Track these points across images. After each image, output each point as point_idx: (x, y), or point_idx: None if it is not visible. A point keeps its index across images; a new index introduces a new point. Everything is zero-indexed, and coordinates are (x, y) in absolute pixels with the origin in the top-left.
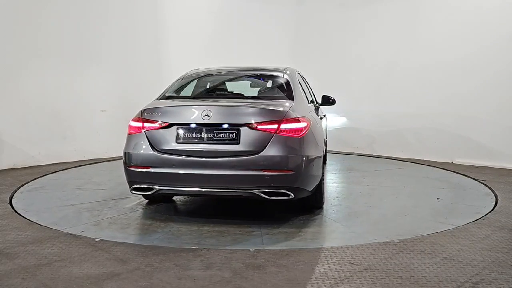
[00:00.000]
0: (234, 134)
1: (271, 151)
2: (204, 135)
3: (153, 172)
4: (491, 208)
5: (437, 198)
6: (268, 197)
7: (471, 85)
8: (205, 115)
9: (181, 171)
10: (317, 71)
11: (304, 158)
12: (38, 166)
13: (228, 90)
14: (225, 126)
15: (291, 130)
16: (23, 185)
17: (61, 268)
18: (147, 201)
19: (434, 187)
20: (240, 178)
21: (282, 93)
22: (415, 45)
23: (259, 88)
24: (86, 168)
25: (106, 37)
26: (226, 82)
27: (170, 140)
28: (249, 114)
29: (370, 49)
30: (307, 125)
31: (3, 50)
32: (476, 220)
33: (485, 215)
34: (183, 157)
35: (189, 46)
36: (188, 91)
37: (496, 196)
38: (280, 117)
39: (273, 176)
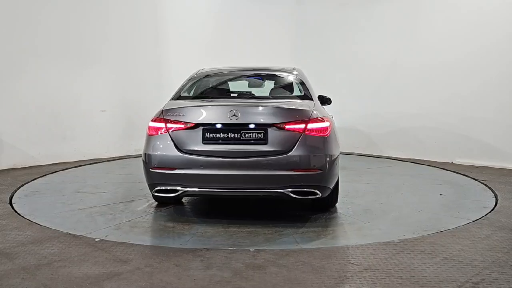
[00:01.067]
0: (262, 134)
1: (300, 150)
2: (231, 135)
3: (179, 173)
4: (491, 208)
5: (440, 194)
6: (297, 197)
7: (471, 85)
8: (233, 115)
9: (209, 172)
10: (317, 71)
11: (329, 157)
12: (38, 166)
13: (246, 90)
14: (253, 126)
15: (317, 130)
16: (23, 185)
17: (61, 268)
18: (156, 203)
19: (433, 184)
20: (269, 178)
21: (300, 93)
22: (415, 45)
23: (276, 88)
24: (80, 170)
25: (106, 37)
26: (240, 82)
27: (196, 140)
28: (276, 114)
29: (370, 49)
30: (330, 124)
31: (3, 50)
32: (476, 220)
33: (486, 215)
34: (211, 158)
35: (189, 46)
36: (203, 91)
37: (496, 196)
38: (307, 117)
39: (302, 176)
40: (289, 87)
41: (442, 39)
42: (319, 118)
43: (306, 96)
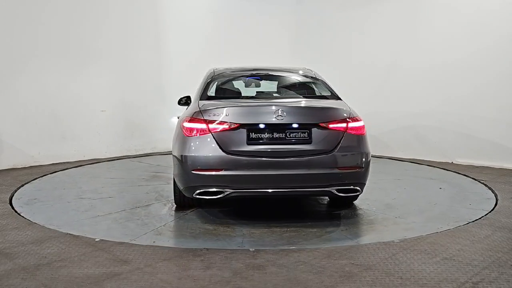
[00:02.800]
0: (306, 133)
1: (344, 149)
2: (276, 135)
3: (225, 175)
4: (491, 208)
5: (440, 188)
6: (341, 194)
7: (471, 85)
8: (278, 115)
9: (256, 173)
10: (316, 71)
11: (367, 155)
12: (38, 166)
13: (273, 90)
14: (297, 126)
15: (356, 128)
16: (23, 185)
17: (60, 268)
18: (174, 206)
19: (433, 183)
20: (315, 177)
21: (327, 92)
22: (415, 45)
23: (300, 87)
24: (75, 171)
25: (106, 36)
26: (264, 81)
27: (240, 141)
28: (319, 113)
29: (370, 49)
30: (363, 123)
31: (3, 50)
32: (476, 220)
33: (485, 215)
34: (257, 158)
35: (189, 46)
36: (230, 91)
37: (496, 196)
38: (347, 116)
39: (346, 174)
40: (311, 86)
41: (442, 39)
42: (357, 117)
43: (334, 96)
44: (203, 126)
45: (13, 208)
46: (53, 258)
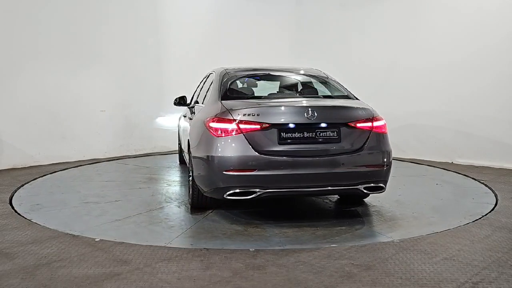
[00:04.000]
0: (335, 133)
1: (371, 147)
2: (306, 134)
3: (258, 175)
4: (491, 208)
5: (436, 184)
6: (368, 192)
7: (471, 85)
8: (310, 115)
9: (288, 172)
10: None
11: (390, 153)
12: (37, 166)
13: (292, 90)
14: (326, 125)
15: (380, 127)
16: (23, 185)
17: (60, 268)
18: (189, 207)
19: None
20: (346, 176)
21: (345, 93)
22: (415, 45)
23: (321, 88)
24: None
25: (106, 37)
26: (282, 82)
27: (272, 141)
28: (347, 113)
29: (370, 49)
30: (385, 122)
31: (3, 50)
32: (476, 220)
33: (485, 215)
34: (288, 158)
35: (189, 46)
36: (249, 91)
37: (496, 196)
38: (372, 115)
39: (374, 172)
40: (327, 87)
41: (441, 39)
42: (379, 116)
43: (352, 96)
44: (234, 126)
45: (13, 208)
46: (53, 258)
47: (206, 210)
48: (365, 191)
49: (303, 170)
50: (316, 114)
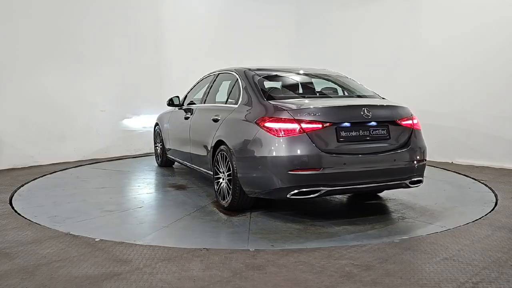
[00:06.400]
0: (385, 130)
1: (415, 143)
2: (362, 133)
3: (323, 173)
4: (491, 208)
5: (436, 184)
6: (412, 185)
7: (471, 85)
8: (366, 114)
9: (349, 170)
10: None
11: (426, 148)
12: (37, 166)
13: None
14: (378, 123)
15: (417, 125)
16: (23, 185)
17: (60, 268)
18: (221, 209)
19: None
20: (399, 171)
21: (370, 92)
22: (414, 44)
23: (351, 88)
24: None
25: (106, 37)
26: (314, 82)
27: (332, 139)
28: (394, 111)
29: (370, 49)
30: None
31: (3, 50)
32: (476, 220)
33: (485, 215)
34: (348, 156)
35: (189, 46)
36: (289, 90)
37: (496, 196)
38: (411, 114)
39: (418, 166)
40: (356, 87)
41: (442, 38)
42: (413, 115)
43: (377, 95)
44: (295, 126)
45: (13, 208)
46: (53, 258)
47: (242, 212)
48: (410, 185)
49: (362, 167)
50: (371, 113)
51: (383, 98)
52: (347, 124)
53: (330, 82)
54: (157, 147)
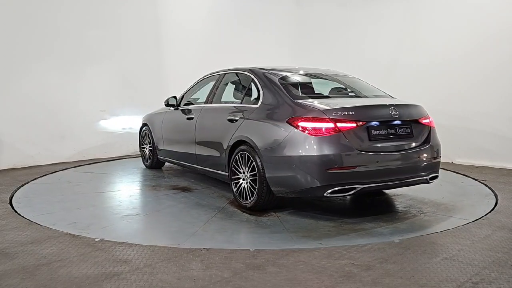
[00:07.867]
0: (409, 129)
1: (434, 141)
2: (390, 131)
3: (358, 171)
4: (491, 208)
5: (436, 183)
6: (431, 181)
7: (471, 84)
8: (394, 113)
9: (382, 167)
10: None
11: (440, 145)
12: (37, 166)
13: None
14: (402, 122)
15: (433, 123)
16: (23, 185)
17: (60, 268)
18: (240, 208)
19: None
20: (424, 167)
21: (381, 92)
22: (414, 44)
23: (363, 88)
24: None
25: (105, 36)
26: (328, 82)
27: (364, 138)
28: (415, 110)
29: (369, 49)
30: None
31: (3, 50)
32: (476, 220)
33: (485, 215)
34: (380, 154)
35: (189, 46)
36: (312, 90)
37: (496, 196)
38: (427, 112)
39: (436, 163)
40: (367, 86)
41: (442, 38)
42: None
43: (387, 94)
44: (331, 125)
45: (13, 208)
46: (53, 258)
47: (266, 212)
48: (429, 180)
49: (393, 164)
50: (398, 112)
51: (393, 98)
52: (377, 123)
53: (342, 82)
54: (145, 149)
